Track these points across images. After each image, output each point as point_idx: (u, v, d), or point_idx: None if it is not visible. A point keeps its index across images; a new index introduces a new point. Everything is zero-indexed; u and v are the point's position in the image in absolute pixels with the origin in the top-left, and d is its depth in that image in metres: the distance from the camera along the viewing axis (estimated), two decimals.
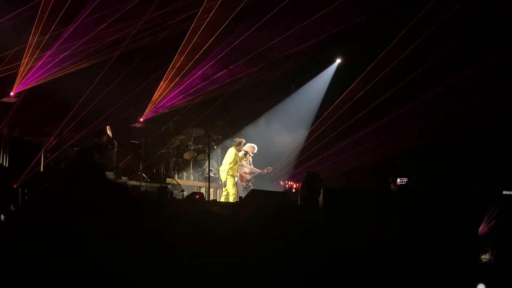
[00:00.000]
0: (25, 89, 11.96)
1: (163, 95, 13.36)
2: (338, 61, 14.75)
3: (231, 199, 11.06)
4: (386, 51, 12.31)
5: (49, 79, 11.88)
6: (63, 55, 11.78)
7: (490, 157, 11.42)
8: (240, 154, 11.65)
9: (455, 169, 11.63)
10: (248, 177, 11.92)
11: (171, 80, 13.11)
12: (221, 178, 11.48)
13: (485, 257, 8.01)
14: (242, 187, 11.83)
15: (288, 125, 14.93)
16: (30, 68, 11.72)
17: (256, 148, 12.03)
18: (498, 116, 11.41)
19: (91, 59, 11.88)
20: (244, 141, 11.91)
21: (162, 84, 13.16)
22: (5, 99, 12.02)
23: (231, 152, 11.49)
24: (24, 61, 11.50)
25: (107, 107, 12.21)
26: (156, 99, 13.38)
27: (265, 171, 12.17)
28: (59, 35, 11.45)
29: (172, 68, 12.87)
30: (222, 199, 11.32)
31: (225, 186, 11.38)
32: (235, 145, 11.62)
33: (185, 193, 10.59)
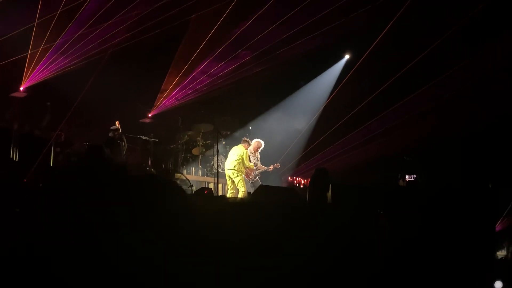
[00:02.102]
0: (34, 84, 12.02)
1: (172, 91, 13.39)
2: (347, 57, 14.71)
3: (240, 196, 11.01)
4: (396, 46, 12.26)
5: (58, 73, 11.93)
6: (72, 50, 11.83)
7: (502, 153, 11.23)
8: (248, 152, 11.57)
9: (466, 165, 11.51)
10: (252, 174, 11.78)
11: (180, 75, 13.13)
12: (228, 174, 11.32)
13: (501, 253, 7.92)
14: (249, 183, 11.75)
15: (295, 120, 14.91)
16: (39, 63, 11.77)
17: (262, 143, 11.87)
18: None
19: (99, 55, 11.91)
20: (253, 142, 11.80)
21: (171, 79, 13.19)
22: (15, 94, 12.07)
23: (240, 149, 11.36)
24: (34, 56, 11.54)
25: (116, 103, 12.25)
26: (165, 95, 13.42)
27: (271, 168, 12.02)
28: (67, 30, 11.50)
29: (181, 63, 12.89)
30: (229, 195, 11.28)
31: (230, 182, 11.28)
32: (245, 142, 11.52)
33: (194, 189, 10.60)
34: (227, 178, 11.33)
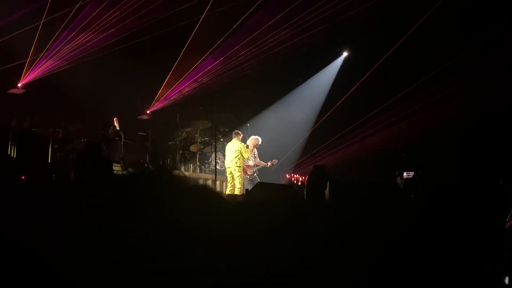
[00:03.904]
0: (32, 81, 12.00)
1: (171, 87, 13.38)
2: (345, 54, 14.71)
3: (236, 192, 11.02)
4: (394, 41, 12.26)
5: (57, 70, 11.91)
6: (71, 46, 11.81)
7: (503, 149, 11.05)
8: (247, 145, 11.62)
9: (469, 161, 11.40)
10: (250, 171, 11.79)
11: (179, 72, 13.13)
12: (230, 171, 11.35)
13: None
14: (247, 180, 11.74)
15: (294, 117, 14.91)
16: (38, 60, 11.74)
17: (260, 140, 11.89)
18: None
19: (98, 51, 11.89)
20: (250, 139, 11.82)
21: (169, 76, 13.18)
22: (13, 91, 12.05)
23: (236, 144, 11.39)
24: (32, 52, 11.52)
25: (115, 99, 12.24)
26: (164, 92, 13.40)
27: (270, 164, 12.04)
28: (68, 26, 11.48)
29: (180, 59, 12.88)
30: (228, 192, 11.28)
31: (231, 178, 11.32)
32: (237, 135, 11.54)
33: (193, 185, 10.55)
34: (228, 175, 11.36)
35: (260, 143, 11.88)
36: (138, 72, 12.43)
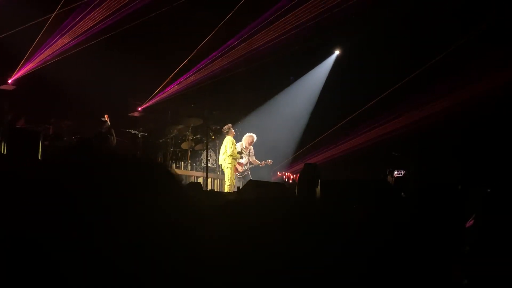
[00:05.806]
0: (23, 76, 11.93)
1: (164, 84, 13.35)
2: (337, 52, 14.73)
3: (226, 189, 11.03)
4: (386, 39, 12.30)
5: (46, 64, 11.85)
6: (61, 42, 11.76)
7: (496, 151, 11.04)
8: (238, 144, 11.63)
9: (457, 162, 11.45)
10: (241, 168, 11.77)
11: (172, 69, 13.12)
12: (223, 168, 11.46)
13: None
14: (237, 177, 11.72)
15: (286, 115, 14.91)
16: (29, 55, 11.68)
17: (255, 137, 11.88)
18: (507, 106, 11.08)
19: (89, 45, 11.84)
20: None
21: (163, 73, 13.17)
22: (3, 87, 11.98)
23: (225, 140, 11.45)
24: (25, 48, 11.46)
25: (106, 96, 12.20)
26: (156, 90, 13.38)
27: (263, 163, 12.02)
28: (59, 19, 11.44)
29: (173, 56, 12.86)
30: (226, 189, 11.25)
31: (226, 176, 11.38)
32: (226, 132, 11.56)
33: (183, 183, 10.54)
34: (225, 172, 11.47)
35: (255, 140, 11.86)
36: (129, 69, 12.39)
